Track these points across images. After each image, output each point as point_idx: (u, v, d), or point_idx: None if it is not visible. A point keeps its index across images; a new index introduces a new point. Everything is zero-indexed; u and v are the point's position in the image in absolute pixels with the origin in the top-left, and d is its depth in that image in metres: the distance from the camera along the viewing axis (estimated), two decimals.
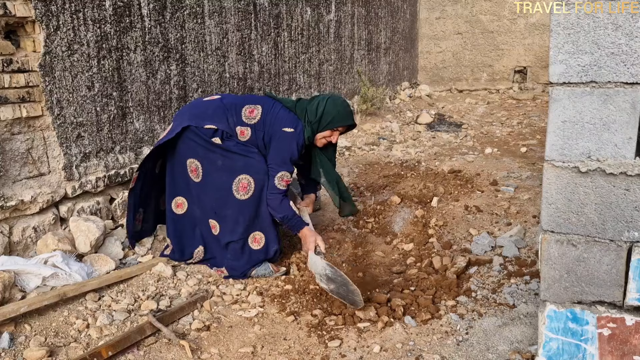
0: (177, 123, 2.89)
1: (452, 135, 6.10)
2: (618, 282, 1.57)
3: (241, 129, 2.85)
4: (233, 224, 2.88)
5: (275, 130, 2.85)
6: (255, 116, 2.87)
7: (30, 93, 2.77)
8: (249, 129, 2.86)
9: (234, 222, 2.88)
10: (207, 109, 2.88)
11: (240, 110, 2.88)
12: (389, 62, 7.97)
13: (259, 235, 2.92)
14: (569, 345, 1.68)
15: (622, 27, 1.42)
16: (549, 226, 1.62)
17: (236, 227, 2.88)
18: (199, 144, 2.83)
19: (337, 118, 2.92)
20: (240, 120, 2.86)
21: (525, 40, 8.50)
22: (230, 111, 2.87)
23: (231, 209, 2.86)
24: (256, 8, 4.62)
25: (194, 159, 2.86)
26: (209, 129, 2.81)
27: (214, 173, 2.85)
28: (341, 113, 2.94)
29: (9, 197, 2.71)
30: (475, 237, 3.21)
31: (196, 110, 2.90)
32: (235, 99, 3.01)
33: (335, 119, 2.92)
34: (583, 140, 1.52)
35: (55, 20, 2.84)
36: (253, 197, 2.84)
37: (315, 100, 2.96)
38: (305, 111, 2.92)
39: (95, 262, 2.81)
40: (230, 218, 2.88)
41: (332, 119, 2.91)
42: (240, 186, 2.83)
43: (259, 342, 2.36)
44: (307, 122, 2.90)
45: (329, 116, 2.90)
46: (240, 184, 2.83)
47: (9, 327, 2.28)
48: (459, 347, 2.21)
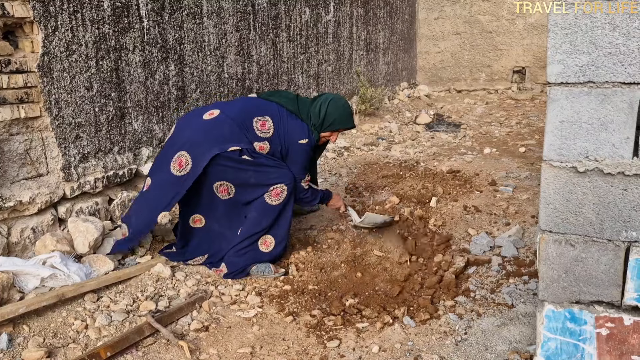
0: (196, 154, 2.78)
1: (450, 136, 6.11)
2: (616, 281, 1.57)
3: (260, 144, 2.88)
4: (253, 225, 2.91)
5: (291, 142, 2.94)
6: (268, 129, 2.91)
7: (28, 94, 2.77)
8: (267, 143, 2.91)
9: (255, 223, 2.91)
10: (221, 130, 2.82)
11: (250, 125, 2.88)
12: (387, 62, 7.97)
13: (270, 239, 2.95)
14: (568, 345, 1.68)
15: (620, 27, 1.42)
16: (547, 226, 1.62)
17: (255, 227, 2.91)
18: (230, 167, 2.81)
19: (338, 121, 3.03)
20: (256, 136, 2.88)
21: (523, 41, 8.51)
22: (243, 127, 2.86)
23: (256, 211, 2.90)
24: (255, 8, 4.62)
25: (223, 181, 2.86)
26: (234, 152, 2.79)
27: (247, 190, 2.88)
28: (342, 116, 3.04)
29: (8, 197, 2.71)
30: (474, 237, 3.22)
31: (212, 135, 2.81)
32: (239, 111, 2.93)
33: (337, 121, 3.03)
34: (581, 140, 1.52)
35: (54, 20, 2.84)
36: (282, 203, 2.90)
37: (317, 102, 3.04)
38: (309, 115, 3.01)
39: (93, 263, 2.80)
40: (252, 219, 2.91)
41: (333, 121, 3.02)
42: (274, 193, 2.88)
43: (258, 342, 2.36)
44: (312, 125, 3.01)
45: (330, 118, 3.01)
46: (274, 191, 2.88)
47: (7, 328, 2.28)
48: (457, 347, 2.21)
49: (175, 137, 2.91)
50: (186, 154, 2.80)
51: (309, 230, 3.48)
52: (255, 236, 2.92)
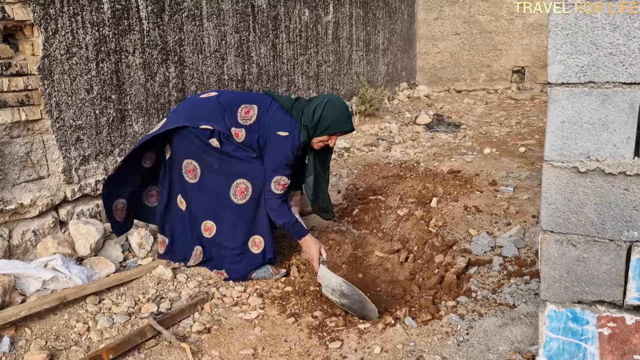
0: (171, 119, 2.82)
1: (450, 136, 6.11)
2: (618, 281, 1.57)
3: (236, 130, 2.77)
4: (232, 227, 2.87)
5: (270, 133, 2.75)
6: (250, 117, 2.79)
7: (29, 96, 2.77)
8: (243, 130, 2.77)
9: (233, 226, 2.86)
10: (204, 108, 2.82)
11: (236, 110, 2.80)
12: (387, 63, 7.98)
13: (259, 239, 2.91)
14: (570, 345, 1.68)
15: (620, 27, 1.42)
16: (548, 226, 1.63)
17: (235, 231, 2.87)
18: (197, 145, 2.78)
19: (335, 124, 2.77)
20: (236, 121, 2.78)
21: (523, 41, 8.52)
22: (227, 111, 2.79)
23: (229, 213, 2.84)
24: (254, 10, 4.63)
25: (191, 159, 2.82)
26: (205, 130, 2.75)
27: (210, 175, 2.82)
28: (339, 118, 2.78)
29: (9, 200, 2.71)
30: (475, 237, 3.22)
31: (193, 110, 2.83)
32: (232, 96, 2.91)
33: (333, 124, 2.77)
34: (582, 141, 1.53)
35: (54, 23, 2.84)
36: (251, 201, 2.82)
37: (314, 103, 2.81)
38: (302, 113, 2.80)
39: (95, 265, 2.81)
40: (229, 222, 2.86)
41: (329, 125, 2.76)
42: (238, 191, 2.81)
43: (260, 344, 2.36)
44: (303, 125, 2.78)
45: (326, 122, 2.76)
46: (238, 189, 2.81)
47: (9, 330, 2.28)
48: (459, 348, 2.21)
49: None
50: (165, 119, 2.90)
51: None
52: (240, 240, 2.87)
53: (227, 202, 2.83)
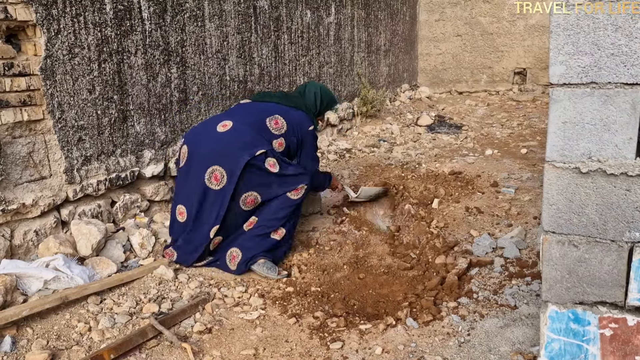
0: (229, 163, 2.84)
1: (452, 137, 6.11)
2: (619, 282, 1.57)
3: (277, 141, 3.03)
4: (272, 213, 2.98)
5: (304, 132, 3.15)
6: (282, 126, 3.06)
7: (31, 97, 2.77)
8: (282, 139, 3.05)
9: (274, 212, 2.98)
10: (244, 137, 2.91)
11: (264, 125, 3.01)
12: (388, 64, 7.98)
13: (282, 230, 3.03)
14: (571, 346, 1.68)
15: (622, 28, 1.42)
16: (550, 227, 1.62)
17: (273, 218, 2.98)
18: (255, 175, 2.88)
19: (330, 102, 3.44)
20: (272, 134, 3.01)
21: (524, 42, 8.51)
22: (260, 130, 2.98)
23: (277, 200, 2.99)
24: (256, 11, 4.63)
25: (252, 191, 2.93)
26: (261, 155, 2.88)
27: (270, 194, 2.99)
28: (330, 97, 3.43)
29: (11, 200, 2.71)
30: (476, 238, 3.21)
31: (238, 143, 2.88)
32: (249, 117, 3.05)
33: (329, 103, 3.43)
34: (584, 141, 1.53)
35: (56, 24, 2.84)
36: (300, 198, 3.05)
37: (309, 93, 3.34)
38: (306, 106, 3.26)
39: (96, 265, 2.81)
40: (272, 207, 2.98)
41: (327, 104, 3.41)
42: (294, 190, 3.01)
43: (261, 344, 2.36)
44: (312, 114, 3.27)
45: (324, 103, 3.37)
46: (294, 190, 3.01)
47: (10, 330, 2.28)
48: (460, 349, 2.21)
49: (195, 155, 2.94)
50: (219, 167, 2.87)
51: (311, 232, 3.48)
52: (270, 228, 2.98)
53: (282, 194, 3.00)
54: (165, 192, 3.65)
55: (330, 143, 5.72)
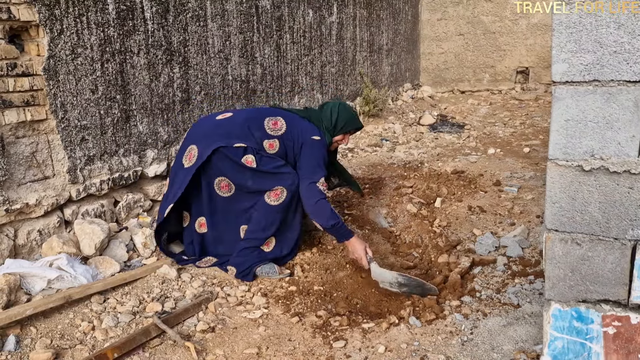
0: (203, 145, 2.86)
1: (454, 136, 6.10)
2: (623, 280, 1.57)
3: (269, 142, 2.91)
4: (257, 224, 2.93)
5: (306, 138, 2.96)
6: (280, 127, 2.95)
7: (34, 97, 2.78)
8: (276, 141, 2.93)
9: (257, 223, 2.93)
10: (232, 128, 2.90)
11: (262, 124, 2.94)
12: (391, 63, 7.97)
13: (272, 240, 2.98)
14: (574, 344, 1.68)
15: (625, 25, 1.42)
16: (553, 225, 1.62)
17: (258, 229, 2.93)
18: (228, 163, 2.85)
19: (349, 122, 3.17)
20: (266, 134, 2.92)
21: (527, 41, 8.50)
22: (253, 127, 2.92)
23: (258, 211, 2.93)
24: (258, 11, 4.63)
25: (224, 177, 2.89)
26: (238, 148, 2.84)
27: (244, 190, 2.92)
28: (352, 117, 3.19)
29: (14, 200, 2.72)
30: (479, 237, 3.21)
31: (221, 130, 2.90)
32: (251, 112, 3.05)
33: (348, 123, 3.16)
34: (586, 139, 1.52)
35: (59, 24, 2.85)
36: (283, 204, 2.90)
37: (327, 108, 3.17)
38: (321, 120, 3.11)
39: (100, 265, 2.82)
40: (256, 219, 2.93)
41: (345, 124, 3.14)
42: (273, 194, 2.90)
43: (264, 343, 2.36)
44: (325, 128, 3.09)
45: (342, 121, 3.13)
46: (273, 192, 2.90)
47: (14, 329, 2.29)
48: (463, 347, 2.21)
49: (187, 139, 3.01)
50: (194, 146, 2.90)
51: (314, 231, 3.49)
52: (260, 240, 2.95)
53: (260, 203, 2.92)
54: None
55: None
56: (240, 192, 2.93)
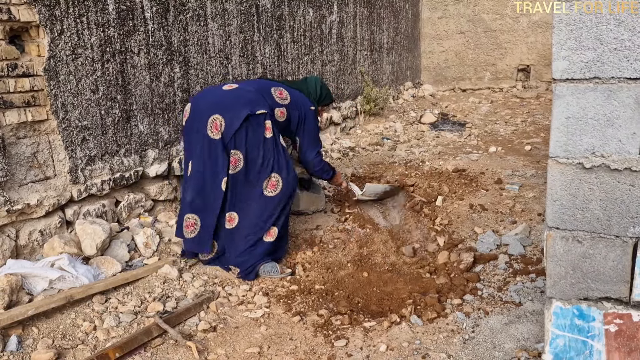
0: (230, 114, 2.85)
1: (456, 135, 6.10)
2: (624, 278, 1.57)
3: (280, 109, 3.06)
4: (255, 217, 2.94)
5: (306, 110, 3.18)
6: (285, 97, 3.11)
7: (35, 97, 2.78)
8: (285, 109, 3.08)
9: (257, 215, 2.94)
10: (250, 96, 2.97)
11: (269, 93, 3.07)
12: (391, 62, 7.96)
13: (274, 230, 2.99)
14: (576, 342, 1.67)
15: (625, 22, 1.42)
16: (554, 223, 1.62)
17: (258, 220, 2.95)
18: (251, 136, 2.88)
19: (329, 95, 3.47)
20: (275, 102, 3.05)
21: (528, 39, 8.48)
22: (265, 95, 3.03)
23: (257, 203, 2.94)
24: (258, 10, 4.63)
25: (238, 150, 2.88)
26: (260, 115, 2.91)
27: (252, 170, 2.92)
28: (329, 91, 3.49)
29: (15, 200, 2.72)
30: (481, 235, 3.21)
31: (242, 99, 2.93)
32: (255, 83, 3.19)
33: (328, 95, 3.47)
34: (587, 137, 1.52)
35: (59, 24, 2.85)
36: (279, 194, 2.96)
37: (310, 82, 3.40)
38: (309, 91, 3.31)
39: (101, 265, 2.82)
40: (253, 211, 2.94)
41: (326, 96, 3.45)
42: (270, 184, 2.95)
43: (266, 342, 2.36)
44: (314, 99, 3.31)
45: (324, 92, 3.43)
46: (270, 183, 2.95)
47: (16, 330, 2.29)
48: (465, 346, 2.21)
49: (199, 109, 2.95)
50: (219, 116, 2.88)
51: (315, 230, 3.49)
52: (260, 232, 2.95)
53: (258, 194, 2.94)
54: (169, 191, 3.65)
55: (334, 141, 5.72)
56: (247, 169, 2.90)
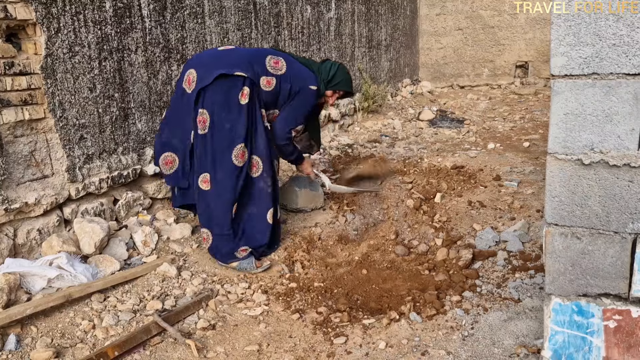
0: (203, 71, 2.86)
1: (454, 131, 6.09)
2: (623, 274, 1.57)
3: (267, 79, 2.96)
4: (224, 189, 2.90)
5: (303, 86, 3.08)
6: (281, 67, 3.02)
7: (32, 95, 2.77)
8: (274, 79, 2.98)
9: (225, 188, 2.90)
10: (234, 58, 2.94)
11: (263, 60, 2.99)
12: (389, 59, 7.96)
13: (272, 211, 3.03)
14: (575, 338, 1.67)
15: (624, 18, 1.41)
16: (553, 219, 1.62)
17: (225, 193, 2.90)
18: (221, 98, 2.85)
19: (344, 82, 3.30)
20: (266, 70, 2.96)
21: (526, 35, 8.48)
22: (254, 60, 2.96)
23: (224, 172, 2.89)
24: (256, 7, 4.62)
25: (206, 110, 2.87)
26: (238, 77, 2.85)
27: (219, 132, 2.88)
28: (348, 79, 3.34)
29: (13, 199, 2.72)
30: (479, 232, 3.21)
31: (224, 60, 2.92)
32: (253, 49, 3.16)
33: (343, 82, 3.28)
34: (586, 133, 1.52)
35: (56, 22, 2.84)
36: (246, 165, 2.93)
37: (328, 63, 3.29)
38: (319, 70, 3.21)
39: (100, 263, 2.81)
40: (221, 181, 2.90)
41: (340, 81, 3.26)
42: (240, 154, 2.89)
43: (265, 340, 2.36)
44: (322, 79, 3.20)
45: (338, 78, 3.25)
46: (240, 152, 2.89)
47: (15, 329, 2.29)
48: (464, 342, 2.21)
49: (186, 66, 3.03)
50: (193, 70, 2.92)
51: (314, 228, 3.48)
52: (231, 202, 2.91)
53: (226, 161, 2.89)
54: (168, 189, 3.64)
55: (332, 139, 5.71)
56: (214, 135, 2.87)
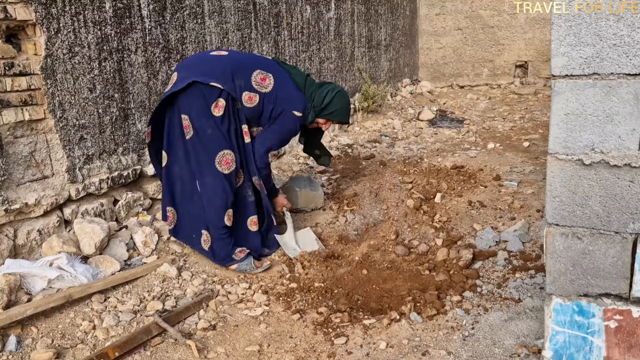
0: (182, 75, 2.84)
1: (454, 131, 6.09)
2: (624, 274, 1.57)
3: (250, 94, 2.87)
4: (214, 193, 2.89)
5: (286, 109, 2.94)
6: (267, 85, 2.90)
7: (32, 96, 2.77)
8: (257, 96, 2.89)
9: (213, 192, 2.89)
10: (216, 68, 2.85)
11: (249, 74, 2.88)
12: (389, 59, 7.96)
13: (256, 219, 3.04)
14: (576, 338, 1.67)
15: (624, 18, 1.41)
16: (553, 219, 1.62)
17: (215, 198, 2.89)
18: (198, 104, 2.81)
19: (338, 112, 3.12)
20: (250, 85, 2.87)
21: (525, 35, 8.48)
22: (239, 74, 2.86)
23: (211, 177, 2.88)
24: (256, 7, 4.62)
25: (187, 115, 2.85)
26: (214, 88, 2.79)
27: (202, 137, 2.85)
28: (343, 109, 3.14)
29: (13, 200, 2.72)
30: (480, 232, 3.21)
31: (205, 67, 2.86)
32: (244, 58, 2.99)
33: (337, 112, 3.12)
34: (586, 133, 1.52)
35: (56, 23, 2.84)
36: (233, 174, 2.90)
37: (325, 89, 3.10)
38: (312, 96, 3.05)
39: (100, 264, 2.81)
40: (210, 185, 2.89)
41: (334, 111, 3.10)
42: (224, 160, 2.86)
43: (265, 340, 2.36)
44: (313, 106, 3.05)
45: (333, 107, 3.08)
46: (224, 159, 2.86)
47: (15, 329, 2.29)
48: (465, 342, 2.21)
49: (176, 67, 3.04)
50: (176, 73, 2.91)
51: (314, 228, 3.48)
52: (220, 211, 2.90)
53: (211, 168, 2.87)
54: None
55: (332, 139, 5.71)
56: (197, 140, 2.85)
